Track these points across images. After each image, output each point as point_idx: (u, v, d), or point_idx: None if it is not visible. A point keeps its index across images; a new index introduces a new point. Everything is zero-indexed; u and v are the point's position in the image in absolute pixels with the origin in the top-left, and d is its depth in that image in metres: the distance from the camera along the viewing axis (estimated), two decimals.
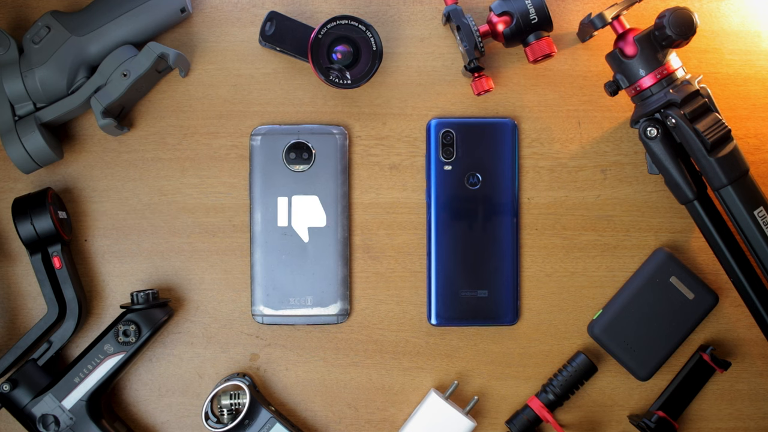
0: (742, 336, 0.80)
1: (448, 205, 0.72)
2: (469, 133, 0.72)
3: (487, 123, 0.71)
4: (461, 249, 0.72)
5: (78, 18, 0.76)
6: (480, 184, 0.70)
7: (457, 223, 0.72)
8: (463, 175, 0.71)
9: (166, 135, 0.80)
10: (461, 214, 0.72)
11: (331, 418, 0.80)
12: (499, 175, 0.72)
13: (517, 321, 0.76)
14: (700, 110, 0.72)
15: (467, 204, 0.73)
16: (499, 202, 0.73)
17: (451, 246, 0.71)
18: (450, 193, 0.72)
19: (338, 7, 0.81)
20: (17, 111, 0.75)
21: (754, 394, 0.80)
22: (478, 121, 0.71)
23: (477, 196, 0.72)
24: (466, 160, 0.71)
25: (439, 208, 0.71)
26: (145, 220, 0.80)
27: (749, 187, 0.73)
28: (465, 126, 0.72)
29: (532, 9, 0.74)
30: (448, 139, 0.70)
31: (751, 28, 0.82)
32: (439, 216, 0.71)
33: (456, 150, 0.70)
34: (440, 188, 0.71)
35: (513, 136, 0.73)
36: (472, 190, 0.71)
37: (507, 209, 0.73)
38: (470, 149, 0.71)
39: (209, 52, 0.81)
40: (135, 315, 0.75)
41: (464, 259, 0.72)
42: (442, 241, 0.71)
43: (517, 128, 0.72)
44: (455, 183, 0.72)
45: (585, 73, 0.81)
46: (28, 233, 0.74)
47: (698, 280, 0.78)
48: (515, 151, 0.73)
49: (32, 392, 0.74)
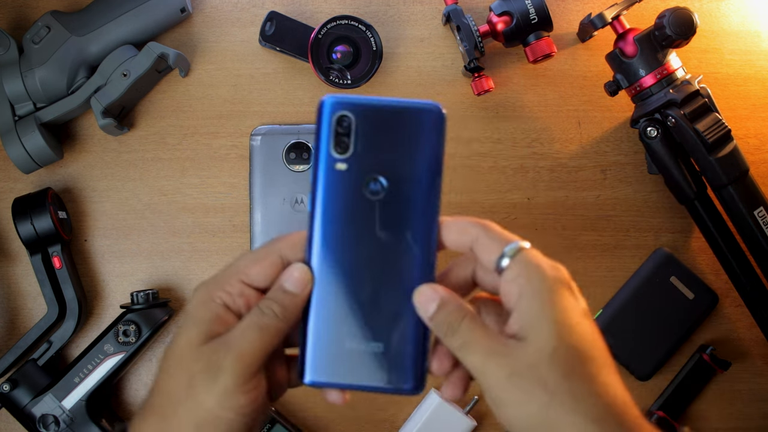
0: (742, 336, 0.80)
1: (336, 218, 0.46)
2: (376, 119, 0.46)
3: (403, 107, 0.45)
4: (350, 283, 0.45)
5: (78, 18, 0.76)
6: (383, 192, 0.45)
7: (346, 246, 0.46)
8: (361, 179, 0.45)
9: (166, 135, 0.80)
10: (353, 234, 0.46)
11: (331, 419, 0.80)
12: (412, 183, 0.45)
13: (421, 389, 0.45)
14: (700, 110, 0.72)
15: (363, 220, 0.46)
16: (408, 221, 0.45)
17: (337, 278, 0.45)
18: (341, 204, 0.45)
19: (338, 7, 0.81)
20: (17, 111, 0.75)
21: (754, 394, 0.80)
22: (389, 103, 0.46)
23: (377, 210, 0.46)
24: (367, 157, 0.46)
25: (325, 223, 0.45)
26: (145, 220, 0.80)
27: (749, 187, 0.73)
28: (370, 109, 0.45)
29: (532, 9, 0.74)
30: (344, 126, 0.45)
31: (751, 28, 0.82)
32: (324, 233, 0.45)
33: (354, 143, 0.46)
34: (328, 195, 0.45)
35: (438, 129, 0.46)
36: (371, 200, 0.45)
37: (418, 232, 0.45)
38: (375, 143, 0.46)
39: (209, 52, 0.81)
40: (135, 315, 0.75)
41: (353, 298, 0.45)
42: (325, 270, 0.45)
43: (445, 118, 0.45)
44: (349, 189, 0.46)
45: (585, 73, 0.81)
46: (28, 233, 0.74)
47: (698, 280, 0.78)
48: (439, 150, 0.46)
49: (32, 392, 0.74)
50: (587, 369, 0.38)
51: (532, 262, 0.41)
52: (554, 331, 0.39)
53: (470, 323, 0.41)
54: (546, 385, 0.38)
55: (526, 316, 0.40)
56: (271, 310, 0.42)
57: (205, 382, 0.40)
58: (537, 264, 0.41)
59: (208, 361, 0.41)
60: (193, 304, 0.43)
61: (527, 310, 0.40)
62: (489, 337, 0.40)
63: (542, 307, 0.39)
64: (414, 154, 0.46)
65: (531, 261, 0.41)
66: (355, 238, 0.45)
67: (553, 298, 0.40)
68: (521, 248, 0.42)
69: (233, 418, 0.41)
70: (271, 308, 0.42)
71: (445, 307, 0.41)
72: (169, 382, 0.42)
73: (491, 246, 0.42)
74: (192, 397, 0.40)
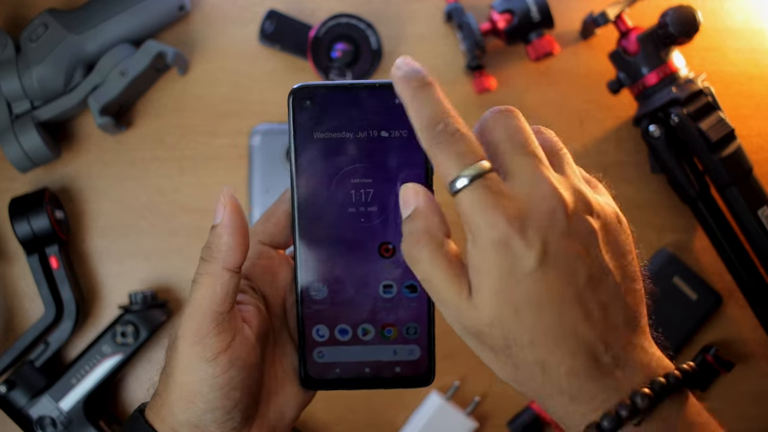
0: (746, 337, 0.80)
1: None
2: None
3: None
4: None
5: (75, 16, 0.76)
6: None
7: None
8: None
9: (164, 134, 0.80)
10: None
11: (331, 421, 0.79)
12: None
13: (431, 380, 0.44)
14: (703, 109, 0.72)
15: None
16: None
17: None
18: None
19: (338, 4, 0.80)
20: (14, 110, 0.75)
21: (758, 396, 0.79)
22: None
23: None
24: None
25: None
26: (143, 220, 0.79)
27: (753, 187, 0.73)
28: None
29: (534, 7, 0.74)
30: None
31: (755, 26, 0.81)
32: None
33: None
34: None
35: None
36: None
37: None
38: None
39: (208, 50, 0.80)
40: (133, 316, 0.74)
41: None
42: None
43: None
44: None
45: (587, 72, 0.80)
46: (25, 233, 0.73)
47: (701, 280, 0.77)
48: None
49: (29, 394, 0.73)
50: (513, 350, 0.35)
51: (475, 209, 0.35)
52: (492, 302, 0.34)
53: (431, 255, 0.36)
54: (491, 350, 0.36)
55: (471, 271, 0.35)
56: (201, 258, 0.38)
57: (169, 355, 0.39)
58: (478, 213, 0.34)
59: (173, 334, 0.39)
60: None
61: (471, 265, 0.35)
62: (447, 280, 0.35)
63: (481, 269, 0.35)
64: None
65: (475, 205, 0.34)
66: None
67: (490, 260, 0.34)
68: (474, 177, 0.35)
69: (208, 393, 0.37)
70: (201, 255, 0.38)
71: (415, 220, 0.36)
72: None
73: (448, 162, 0.35)
74: (170, 375, 0.39)
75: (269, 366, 0.41)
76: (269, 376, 0.41)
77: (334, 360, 0.42)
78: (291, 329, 0.43)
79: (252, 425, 0.40)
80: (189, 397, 0.38)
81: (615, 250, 0.37)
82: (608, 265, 0.36)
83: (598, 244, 0.36)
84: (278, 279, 0.42)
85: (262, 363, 0.40)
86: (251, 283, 0.41)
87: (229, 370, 0.37)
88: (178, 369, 0.38)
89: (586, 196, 0.37)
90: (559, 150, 0.39)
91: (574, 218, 0.35)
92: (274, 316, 0.42)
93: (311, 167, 0.41)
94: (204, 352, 0.37)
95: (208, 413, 0.38)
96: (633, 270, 0.38)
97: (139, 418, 0.40)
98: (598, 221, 0.36)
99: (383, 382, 0.42)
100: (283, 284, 0.42)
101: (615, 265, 0.37)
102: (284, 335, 0.42)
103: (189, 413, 0.38)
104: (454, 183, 0.35)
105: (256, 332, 0.40)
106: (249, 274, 0.41)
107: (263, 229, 0.42)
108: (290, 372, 0.42)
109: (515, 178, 0.35)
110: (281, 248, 0.43)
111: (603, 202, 0.38)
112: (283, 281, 0.42)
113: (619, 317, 0.36)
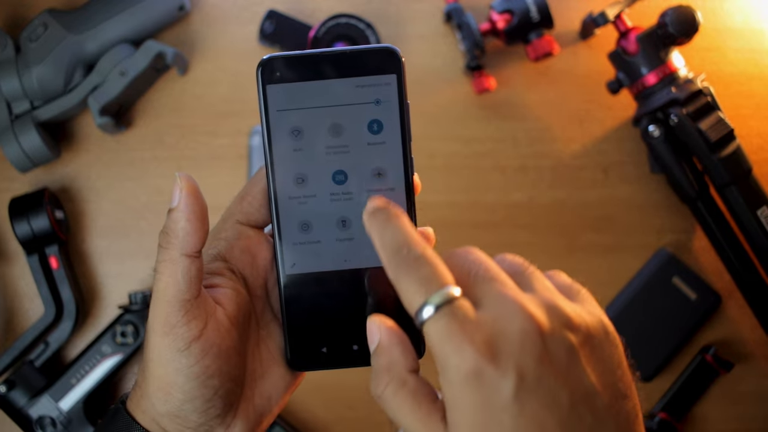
0: (745, 337, 0.80)
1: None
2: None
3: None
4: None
5: (75, 16, 0.76)
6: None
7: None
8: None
9: (164, 134, 0.80)
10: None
11: (330, 419, 0.79)
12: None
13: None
14: (702, 109, 0.72)
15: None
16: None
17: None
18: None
19: (337, 5, 0.80)
20: (14, 110, 0.75)
21: (757, 396, 0.79)
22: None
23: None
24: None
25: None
26: (143, 220, 0.79)
27: (752, 187, 0.73)
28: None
29: (534, 7, 0.74)
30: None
31: (754, 26, 0.81)
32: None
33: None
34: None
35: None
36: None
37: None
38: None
39: (208, 50, 0.80)
40: (133, 316, 0.74)
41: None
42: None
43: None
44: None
45: (587, 72, 0.80)
46: (25, 233, 0.73)
47: (701, 280, 0.77)
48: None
49: (29, 394, 0.73)
50: None
51: (443, 340, 0.32)
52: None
53: (394, 395, 0.34)
54: None
55: (447, 407, 0.33)
56: (159, 244, 0.37)
57: (144, 347, 0.38)
58: (446, 343, 0.32)
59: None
60: None
61: (446, 399, 0.33)
62: (415, 420, 0.34)
63: (455, 405, 0.32)
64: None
65: (442, 335, 0.32)
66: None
67: (463, 395, 0.32)
68: (440, 305, 0.32)
69: (184, 383, 0.36)
70: (159, 242, 0.37)
71: (377, 357, 0.35)
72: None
73: (412, 289, 0.33)
74: (146, 368, 0.38)
75: (253, 348, 0.40)
76: (254, 358, 0.40)
77: (320, 338, 0.40)
78: (275, 310, 0.41)
79: (237, 410, 0.38)
80: (166, 388, 0.37)
81: (602, 365, 0.34)
82: (595, 385, 0.33)
83: (581, 362, 0.33)
84: (258, 259, 0.41)
85: (244, 346, 0.39)
86: (229, 264, 0.40)
87: (203, 359, 0.36)
88: (152, 362, 0.37)
89: (562, 309, 0.33)
90: (525, 269, 0.36)
91: (549, 337, 0.32)
92: (255, 297, 0.41)
93: (285, 141, 0.39)
94: (175, 342, 0.36)
95: (187, 403, 0.37)
96: (624, 386, 0.34)
97: (121, 410, 0.39)
98: (578, 336, 0.33)
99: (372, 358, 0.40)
100: (263, 263, 0.41)
101: (603, 383, 0.33)
102: (268, 316, 0.41)
103: (168, 404, 0.37)
104: (420, 313, 0.33)
105: (233, 315, 0.38)
106: (227, 255, 0.40)
107: (240, 208, 0.41)
108: (276, 353, 0.41)
109: (482, 305, 0.33)
110: (260, 227, 0.41)
111: (585, 312, 0.34)
112: (263, 260, 0.41)
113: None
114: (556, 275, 0.37)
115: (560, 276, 0.37)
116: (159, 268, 0.37)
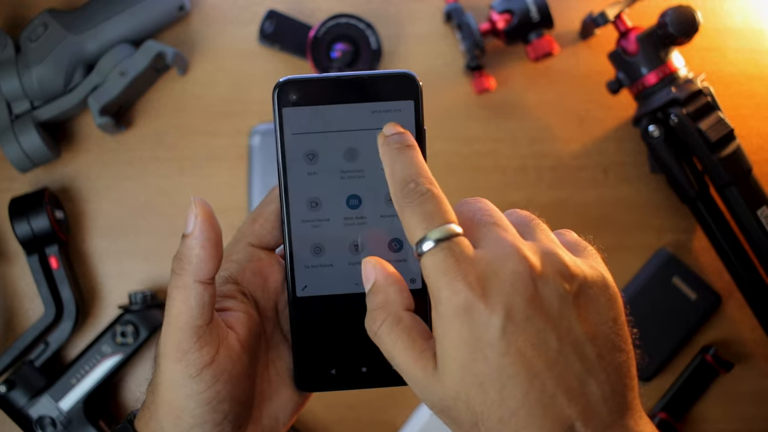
0: (745, 337, 0.80)
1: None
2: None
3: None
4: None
5: (75, 16, 0.76)
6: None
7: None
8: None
9: (164, 134, 0.80)
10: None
11: (330, 420, 0.79)
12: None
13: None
14: (702, 109, 0.72)
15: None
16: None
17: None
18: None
19: (337, 5, 0.80)
20: (14, 110, 0.75)
21: (757, 396, 0.79)
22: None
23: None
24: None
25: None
26: (143, 220, 0.79)
27: (752, 187, 0.73)
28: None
29: (534, 7, 0.74)
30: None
31: (754, 26, 0.81)
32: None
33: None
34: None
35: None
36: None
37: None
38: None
39: (208, 50, 0.80)
40: (133, 316, 0.74)
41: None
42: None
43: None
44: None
45: (587, 72, 0.80)
46: (25, 233, 0.73)
47: (701, 280, 0.77)
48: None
49: (29, 394, 0.73)
50: (481, 428, 0.33)
51: (437, 274, 0.33)
52: (457, 375, 0.33)
53: (389, 331, 0.35)
54: (459, 427, 0.34)
55: (437, 341, 0.34)
56: (173, 270, 0.37)
57: (154, 370, 0.37)
58: (440, 277, 0.33)
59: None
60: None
61: (436, 334, 0.34)
62: (408, 356, 0.34)
63: (444, 339, 0.33)
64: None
65: (437, 269, 0.33)
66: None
67: (452, 329, 0.33)
68: (439, 240, 0.33)
69: (194, 408, 0.36)
70: (173, 267, 0.37)
71: (372, 295, 0.36)
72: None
73: (414, 222, 0.34)
74: (156, 391, 0.38)
75: (263, 369, 0.40)
76: (263, 380, 0.40)
77: (329, 360, 0.41)
78: (284, 331, 0.41)
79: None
80: (176, 412, 0.37)
81: (596, 316, 0.34)
82: (585, 334, 0.33)
83: (573, 310, 0.33)
84: (269, 281, 0.41)
85: (254, 369, 0.39)
86: (241, 287, 0.40)
87: (214, 385, 0.36)
88: (162, 386, 0.37)
89: (560, 257, 0.34)
90: (531, 221, 0.37)
91: (541, 280, 0.33)
92: (266, 318, 0.41)
93: (299, 164, 0.39)
94: (187, 368, 0.36)
95: (196, 427, 0.37)
96: (618, 338, 0.35)
97: (129, 429, 0.39)
98: (573, 284, 0.34)
99: (380, 380, 0.41)
100: (274, 286, 0.41)
101: (595, 333, 0.34)
102: (277, 337, 0.41)
103: (177, 428, 0.37)
104: (420, 245, 0.34)
105: (244, 339, 0.38)
106: (239, 277, 0.40)
107: (251, 230, 0.41)
108: (285, 375, 0.41)
109: (480, 245, 0.34)
110: (271, 248, 0.41)
111: (585, 265, 0.35)
112: (274, 283, 0.41)
113: (599, 393, 0.33)
114: (565, 233, 0.39)
115: (569, 233, 0.39)
116: (172, 293, 0.37)
